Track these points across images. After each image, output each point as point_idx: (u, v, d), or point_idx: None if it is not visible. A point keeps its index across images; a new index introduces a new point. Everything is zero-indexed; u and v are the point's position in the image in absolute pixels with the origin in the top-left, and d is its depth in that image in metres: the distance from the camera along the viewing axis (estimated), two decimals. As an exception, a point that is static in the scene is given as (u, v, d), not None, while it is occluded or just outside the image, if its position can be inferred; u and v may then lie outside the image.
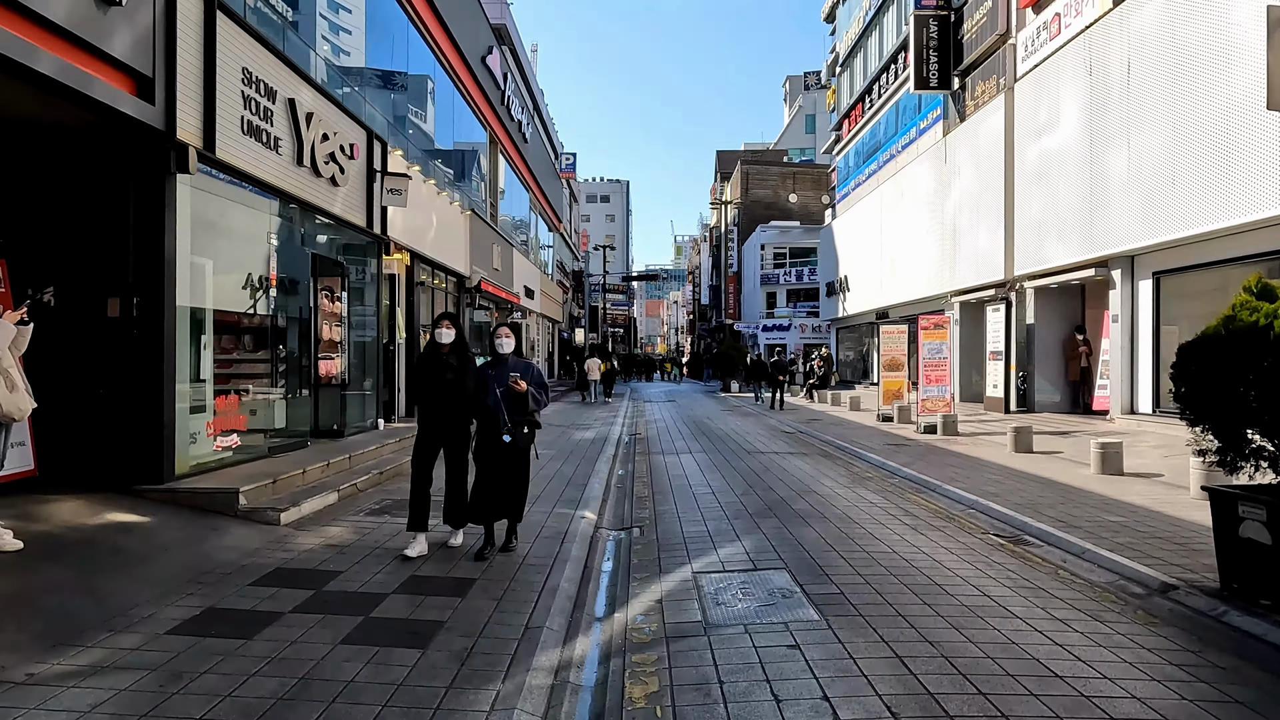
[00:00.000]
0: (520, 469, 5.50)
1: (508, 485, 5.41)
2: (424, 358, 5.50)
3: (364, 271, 11.35)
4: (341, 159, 9.69)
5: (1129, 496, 7.60)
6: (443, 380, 5.34)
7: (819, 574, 5.12)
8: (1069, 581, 5.06)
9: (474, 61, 17.82)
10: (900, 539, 6.13)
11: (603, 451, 11.65)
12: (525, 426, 5.39)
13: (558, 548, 5.77)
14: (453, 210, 15.77)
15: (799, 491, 8.29)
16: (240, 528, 5.84)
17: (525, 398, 5.31)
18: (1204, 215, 11.07)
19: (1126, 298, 13.53)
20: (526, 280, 25.61)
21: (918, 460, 10.34)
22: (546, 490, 8.18)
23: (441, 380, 5.34)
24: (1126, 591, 4.88)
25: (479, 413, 5.41)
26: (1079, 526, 6.34)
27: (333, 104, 9.54)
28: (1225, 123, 10.60)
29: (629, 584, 5.07)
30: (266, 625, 3.99)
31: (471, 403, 5.39)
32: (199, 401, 6.99)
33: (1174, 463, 9.46)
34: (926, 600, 4.57)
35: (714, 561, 5.52)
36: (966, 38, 19.37)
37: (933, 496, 8.13)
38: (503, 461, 5.36)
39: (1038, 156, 15.76)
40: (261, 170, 7.79)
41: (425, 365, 5.45)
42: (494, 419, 5.31)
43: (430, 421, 5.45)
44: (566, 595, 4.73)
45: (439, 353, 5.40)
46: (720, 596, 4.71)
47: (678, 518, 7.08)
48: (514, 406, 5.30)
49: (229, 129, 7.15)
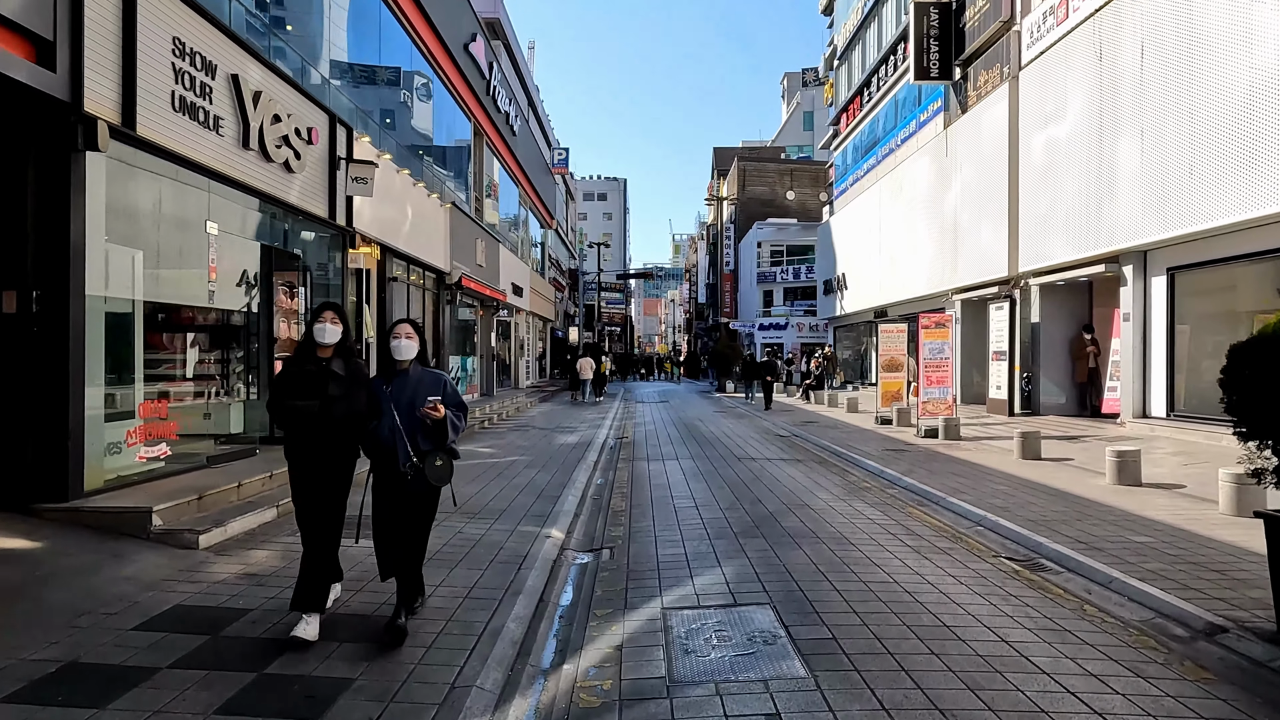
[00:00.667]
0: (420, 518, 4.09)
1: (411, 528, 4.07)
2: (293, 364, 3.95)
3: (327, 266, 10.62)
4: (297, 143, 8.95)
5: (1151, 512, 6.90)
6: (322, 397, 3.83)
7: (808, 612, 4.41)
8: (1098, 621, 4.35)
9: (455, 48, 17.07)
10: (901, 565, 5.42)
11: (584, 458, 10.94)
12: (439, 458, 3.96)
13: (512, 576, 5.06)
14: (431, 203, 15.03)
15: (790, 505, 7.58)
16: (149, 553, 5.11)
17: (443, 425, 3.92)
18: (1223, 208, 10.37)
19: (1138, 295, 12.83)
20: (515, 277, 24.87)
21: (918, 468, 9.64)
22: (515, 504, 7.47)
23: (320, 397, 3.83)
24: (1166, 633, 4.18)
25: (370, 444, 4.00)
26: (1101, 549, 5.64)
27: (287, 83, 8.81)
28: (1248, 108, 9.90)
29: (587, 623, 4.36)
30: (131, 688, 3.28)
31: (360, 431, 3.97)
32: (121, 406, 6.27)
33: (1194, 472, 8.77)
34: (934, 648, 3.87)
35: (688, 594, 4.81)
36: (968, 26, 18.66)
37: (936, 510, 7.43)
38: (405, 501, 4.01)
39: (1044, 148, 15.06)
40: (198, 152, 7.05)
41: (295, 375, 3.89)
42: (389, 453, 3.93)
43: (302, 457, 3.92)
44: (511, 639, 4.02)
45: (316, 358, 3.94)
46: (691, 641, 4.00)
47: (654, 537, 6.37)
48: (423, 433, 3.96)
49: (155, 104, 6.41)
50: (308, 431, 3.87)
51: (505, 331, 25.91)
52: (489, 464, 10.17)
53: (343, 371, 3.94)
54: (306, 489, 3.96)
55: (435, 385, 4.04)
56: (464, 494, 7.89)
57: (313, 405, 3.82)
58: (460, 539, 6.01)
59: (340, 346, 4.00)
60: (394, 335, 4.04)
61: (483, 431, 14.53)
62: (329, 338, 3.96)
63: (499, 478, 9.03)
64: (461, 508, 7.20)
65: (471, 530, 6.32)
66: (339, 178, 10.24)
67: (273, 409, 3.94)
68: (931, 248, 20.76)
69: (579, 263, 53.64)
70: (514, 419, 17.71)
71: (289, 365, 3.98)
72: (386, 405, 3.94)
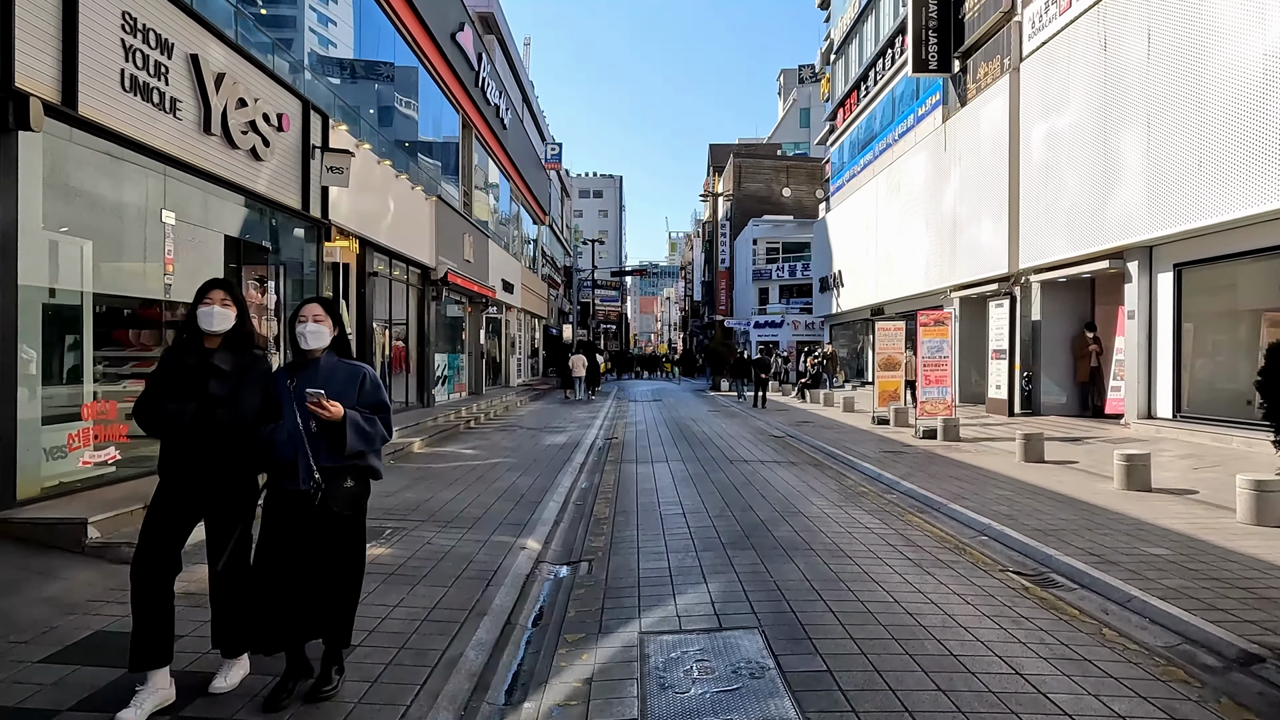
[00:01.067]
0: (343, 552, 3.19)
1: (320, 580, 3.13)
2: (171, 356, 3.18)
3: (302, 260, 10.17)
4: (266, 130, 8.50)
5: (1165, 520, 6.50)
6: (201, 398, 3.06)
7: (800, 638, 4.00)
8: (1120, 648, 3.95)
9: (442, 37, 16.59)
10: (902, 581, 5.01)
11: (570, 459, 10.52)
12: (349, 478, 3.14)
13: (478, 594, 4.63)
14: (415, 196, 14.57)
15: (782, 513, 7.17)
16: (80, 570, 4.67)
17: (338, 430, 3.05)
18: (1235, 201, 9.97)
19: (1144, 292, 12.44)
20: (505, 274, 24.42)
21: (917, 471, 9.24)
22: (491, 511, 7.05)
23: (200, 397, 3.06)
24: (1196, 662, 3.77)
25: (266, 456, 3.16)
26: (1115, 563, 5.23)
27: (254, 66, 8.35)
28: (1261, 96, 9.49)
29: (556, 651, 3.94)
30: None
31: (252, 437, 3.14)
32: (63, 407, 5.83)
33: (1206, 477, 8.38)
34: (941, 683, 3.45)
35: (669, 615, 4.39)
36: (968, 16, 18.25)
37: (937, 518, 7.02)
38: (311, 537, 3.11)
39: (1045, 141, 14.66)
40: (152, 135, 6.60)
41: (173, 370, 3.11)
42: (289, 469, 3.11)
43: (178, 469, 3.10)
44: (469, 671, 3.59)
45: (201, 349, 3.16)
46: (670, 674, 3.58)
47: (637, 548, 5.94)
48: (331, 444, 3.10)
49: (101, 82, 5.96)
50: (183, 443, 3.07)
51: (495, 329, 25.46)
52: (469, 466, 9.74)
53: (229, 366, 3.13)
54: (178, 511, 3.09)
55: (350, 380, 3.21)
56: (439, 500, 7.47)
57: (185, 410, 3.02)
58: (427, 551, 5.59)
59: (233, 335, 3.19)
60: (299, 318, 3.18)
61: (467, 431, 14.09)
62: (216, 324, 3.11)
63: (478, 481, 8.60)
64: (433, 515, 6.78)
65: (441, 541, 5.90)
66: (313, 167, 9.78)
67: (137, 413, 3.09)
68: (929, 244, 20.37)
69: (574, 260, 53.15)
70: (502, 418, 17.27)
71: (165, 358, 3.18)
72: (288, 405, 3.11)
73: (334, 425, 3.05)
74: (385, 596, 4.51)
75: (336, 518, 3.13)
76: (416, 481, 8.50)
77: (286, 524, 3.12)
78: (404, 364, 14.98)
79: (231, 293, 3.21)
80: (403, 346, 14.92)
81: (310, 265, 10.26)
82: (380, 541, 5.79)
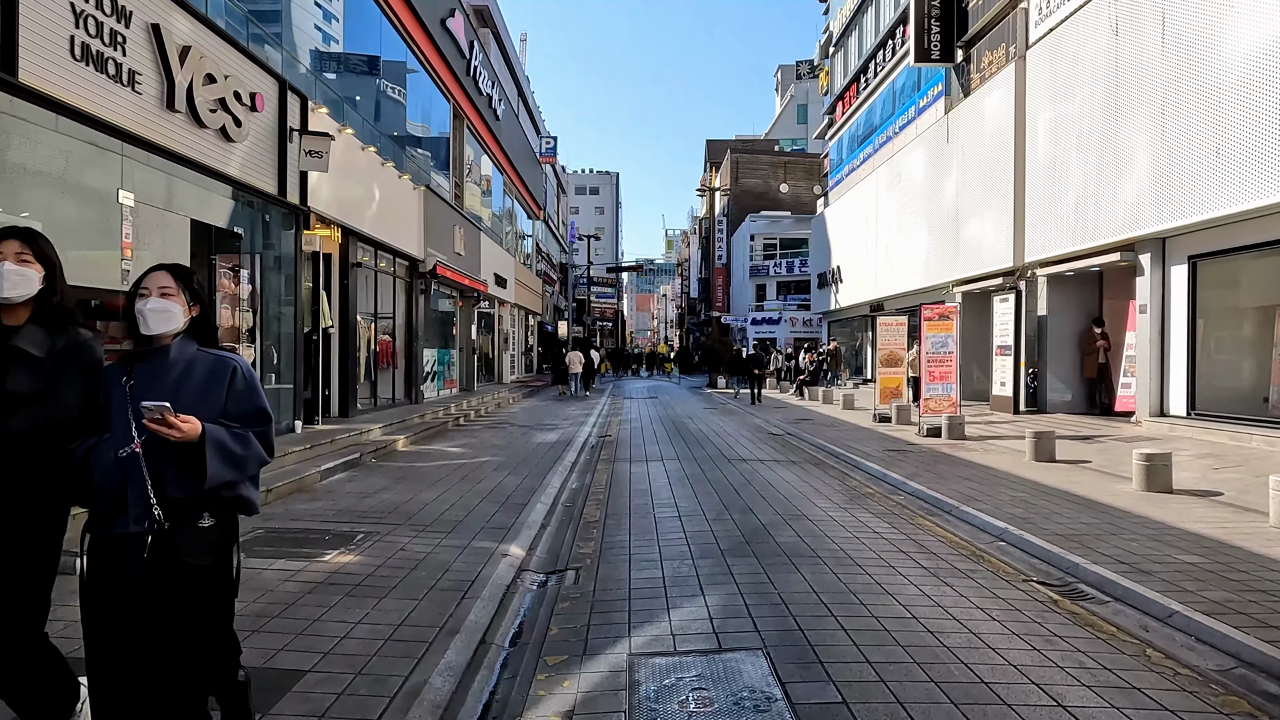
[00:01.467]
0: (201, 621, 2.20)
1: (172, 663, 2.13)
2: None
3: (279, 248, 9.69)
4: (237, 109, 8.02)
5: (1193, 524, 6.07)
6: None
7: (810, 661, 3.55)
8: (1168, 672, 3.51)
9: (431, 22, 16.11)
10: (919, 593, 4.57)
11: (561, 459, 10.08)
12: (208, 514, 2.19)
13: (452, 608, 4.19)
14: (402, 185, 14.09)
15: (785, 516, 6.73)
16: None
17: (197, 452, 2.10)
18: (1254, 190, 9.54)
19: (1156, 286, 12.02)
20: (498, 268, 23.94)
21: (924, 471, 8.81)
22: (474, 513, 6.60)
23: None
24: (1256, 689, 3.34)
25: (82, 483, 2.18)
26: (1149, 572, 4.80)
27: (224, 40, 7.88)
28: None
29: (534, 675, 3.49)
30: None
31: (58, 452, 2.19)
32: None
33: (1228, 478, 7.97)
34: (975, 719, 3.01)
35: (663, 633, 3.94)
36: (972, 4, 17.82)
37: (949, 522, 6.59)
38: (152, 602, 2.12)
39: (1052, 131, 14.23)
40: (107, 109, 6.13)
41: None
42: (116, 500, 2.14)
43: None
44: (432, 703, 3.14)
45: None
46: (662, 704, 3.14)
47: (629, 555, 5.50)
48: (182, 468, 2.14)
49: (47, 49, 5.49)
50: None
51: (488, 324, 24.98)
52: (455, 465, 9.29)
53: (40, 351, 2.21)
54: None
55: (214, 378, 2.26)
56: (418, 501, 7.02)
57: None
58: (400, 559, 5.14)
59: (42, 308, 2.27)
60: (140, 291, 2.22)
61: (456, 429, 13.63)
62: (10, 289, 2.20)
63: (462, 481, 8.15)
64: (411, 518, 6.33)
65: (416, 547, 5.45)
66: (291, 151, 9.31)
67: None
68: (930, 239, 19.94)
69: (569, 256, 52.65)
70: (493, 415, 16.82)
71: None
72: (120, 411, 2.16)
73: (189, 447, 2.11)
74: (346, 613, 4.06)
75: (189, 572, 2.15)
76: (397, 482, 8.04)
77: (115, 584, 2.13)
78: (391, 359, 14.51)
79: (33, 244, 2.27)
80: (389, 341, 14.45)
81: (289, 254, 9.78)
82: (349, 548, 5.33)
